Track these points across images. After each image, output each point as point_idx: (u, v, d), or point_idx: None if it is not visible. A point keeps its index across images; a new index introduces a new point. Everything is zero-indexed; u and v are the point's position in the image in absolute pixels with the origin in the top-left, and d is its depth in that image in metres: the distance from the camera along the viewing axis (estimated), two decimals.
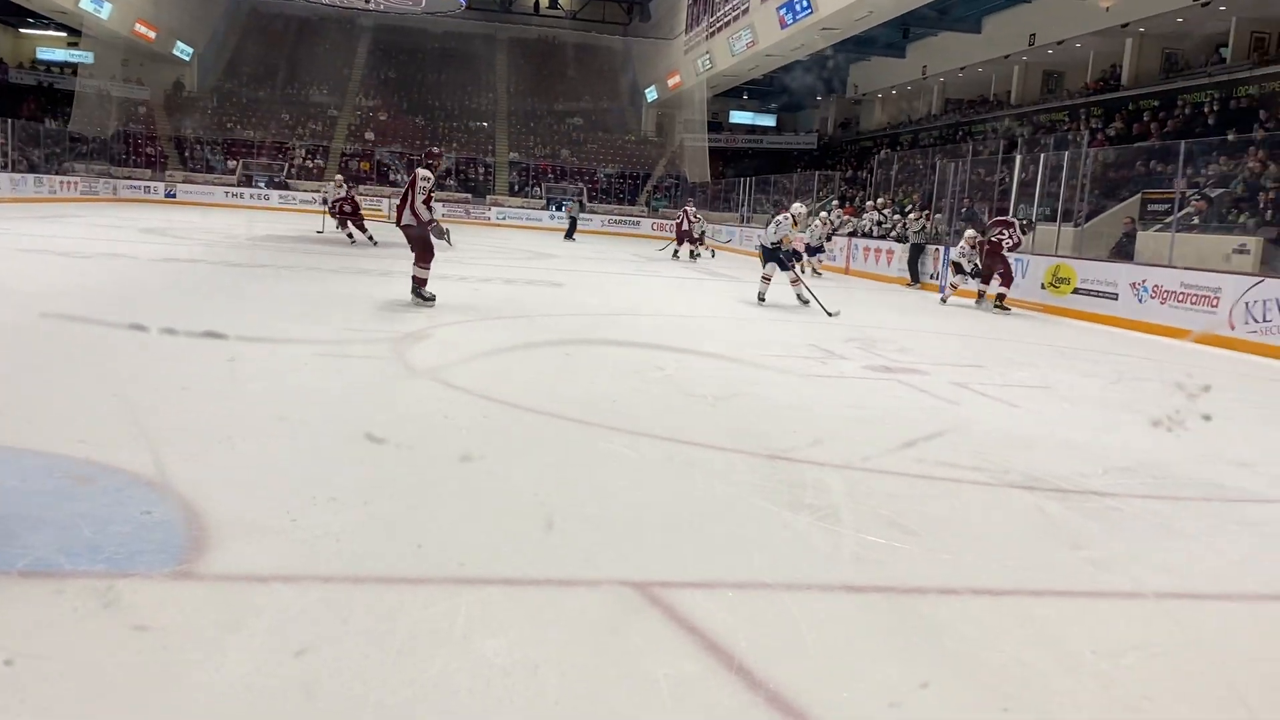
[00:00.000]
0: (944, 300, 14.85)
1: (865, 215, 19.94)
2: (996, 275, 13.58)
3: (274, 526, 3.05)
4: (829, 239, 19.82)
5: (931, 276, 17.55)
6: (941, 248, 17.50)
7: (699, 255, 22.79)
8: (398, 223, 9.16)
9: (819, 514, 3.59)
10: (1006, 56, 30.00)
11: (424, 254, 9.09)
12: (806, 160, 39.59)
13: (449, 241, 9.38)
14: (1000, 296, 13.47)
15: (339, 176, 21.56)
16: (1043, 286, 14.09)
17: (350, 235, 18.52)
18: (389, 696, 2.10)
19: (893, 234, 19.77)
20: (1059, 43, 27.44)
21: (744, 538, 3.30)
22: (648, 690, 2.22)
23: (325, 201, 19.87)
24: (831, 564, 3.15)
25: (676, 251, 22.97)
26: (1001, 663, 2.49)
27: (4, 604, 2.41)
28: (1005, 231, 13.52)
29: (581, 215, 31.60)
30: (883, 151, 32.67)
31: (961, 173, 19.20)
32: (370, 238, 18.22)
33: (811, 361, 7.47)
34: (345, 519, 3.17)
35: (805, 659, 2.44)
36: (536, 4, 48.02)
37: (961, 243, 14.58)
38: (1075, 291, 13.55)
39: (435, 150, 9.46)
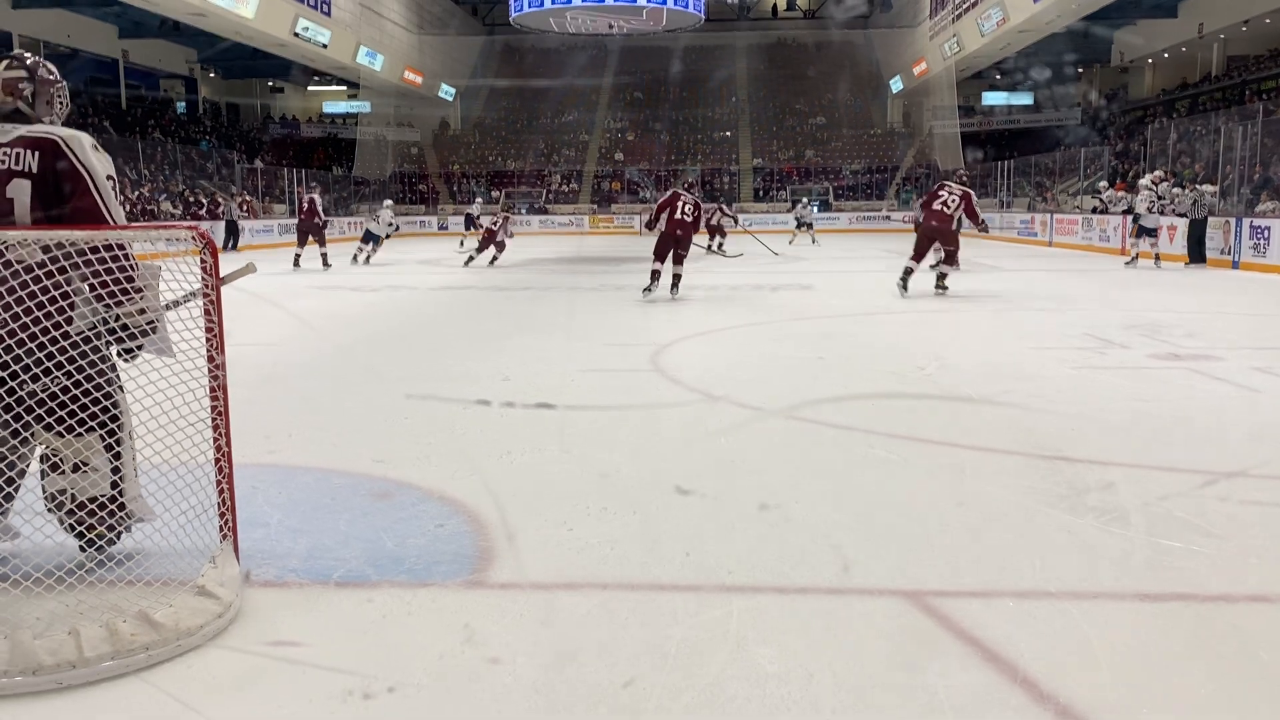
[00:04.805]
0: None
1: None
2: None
3: (553, 537, 3.22)
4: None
5: (1223, 252, 15.98)
6: (1233, 219, 15.89)
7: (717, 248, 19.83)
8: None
9: (1105, 517, 3.37)
10: None
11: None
12: (1071, 137, 37.15)
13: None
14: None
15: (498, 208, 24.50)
16: None
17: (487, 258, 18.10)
18: (669, 701, 2.17)
19: (1170, 209, 18.14)
20: None
21: (1021, 544, 3.15)
22: (927, 700, 2.17)
23: (479, 225, 21.19)
24: (1122, 571, 2.94)
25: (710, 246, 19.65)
26: None
27: (324, 610, 2.68)
28: None
29: (817, 216, 30.20)
30: (1158, 121, 30.15)
31: (1252, 136, 17.37)
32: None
33: (1088, 352, 7.01)
34: (616, 528, 3.31)
35: (1097, 672, 2.29)
36: (774, 8, 48.04)
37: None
38: None
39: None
